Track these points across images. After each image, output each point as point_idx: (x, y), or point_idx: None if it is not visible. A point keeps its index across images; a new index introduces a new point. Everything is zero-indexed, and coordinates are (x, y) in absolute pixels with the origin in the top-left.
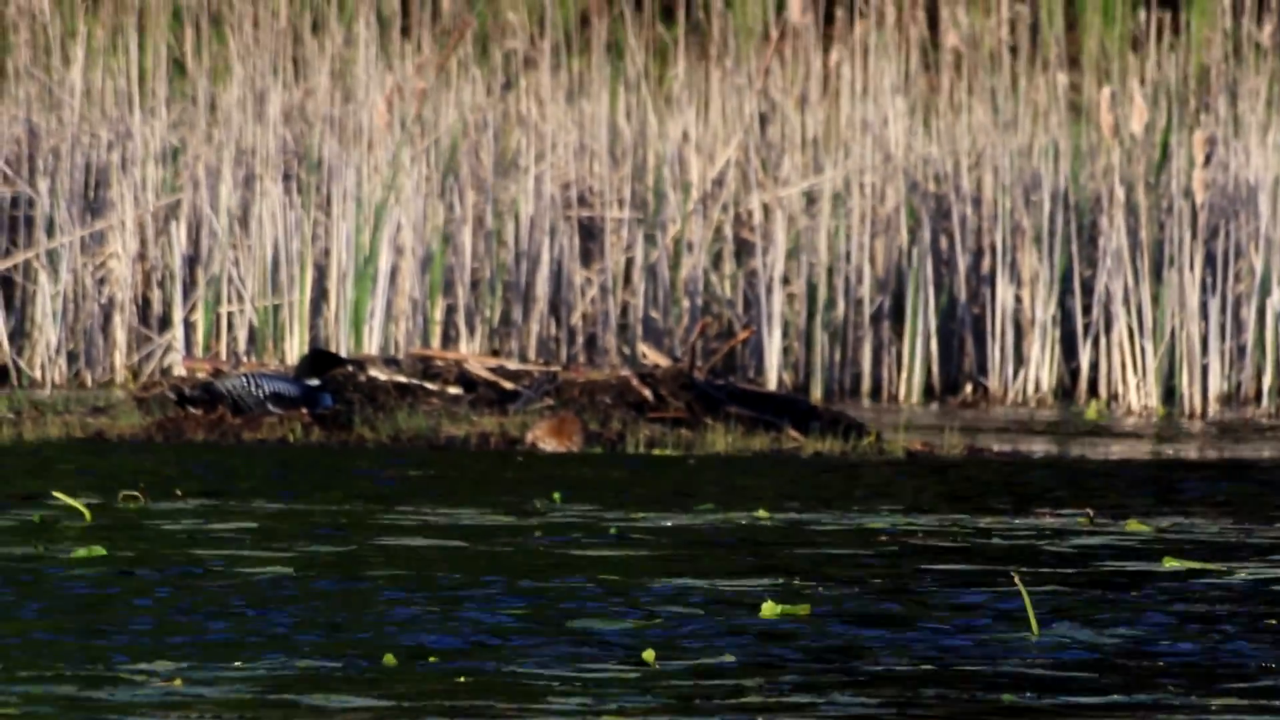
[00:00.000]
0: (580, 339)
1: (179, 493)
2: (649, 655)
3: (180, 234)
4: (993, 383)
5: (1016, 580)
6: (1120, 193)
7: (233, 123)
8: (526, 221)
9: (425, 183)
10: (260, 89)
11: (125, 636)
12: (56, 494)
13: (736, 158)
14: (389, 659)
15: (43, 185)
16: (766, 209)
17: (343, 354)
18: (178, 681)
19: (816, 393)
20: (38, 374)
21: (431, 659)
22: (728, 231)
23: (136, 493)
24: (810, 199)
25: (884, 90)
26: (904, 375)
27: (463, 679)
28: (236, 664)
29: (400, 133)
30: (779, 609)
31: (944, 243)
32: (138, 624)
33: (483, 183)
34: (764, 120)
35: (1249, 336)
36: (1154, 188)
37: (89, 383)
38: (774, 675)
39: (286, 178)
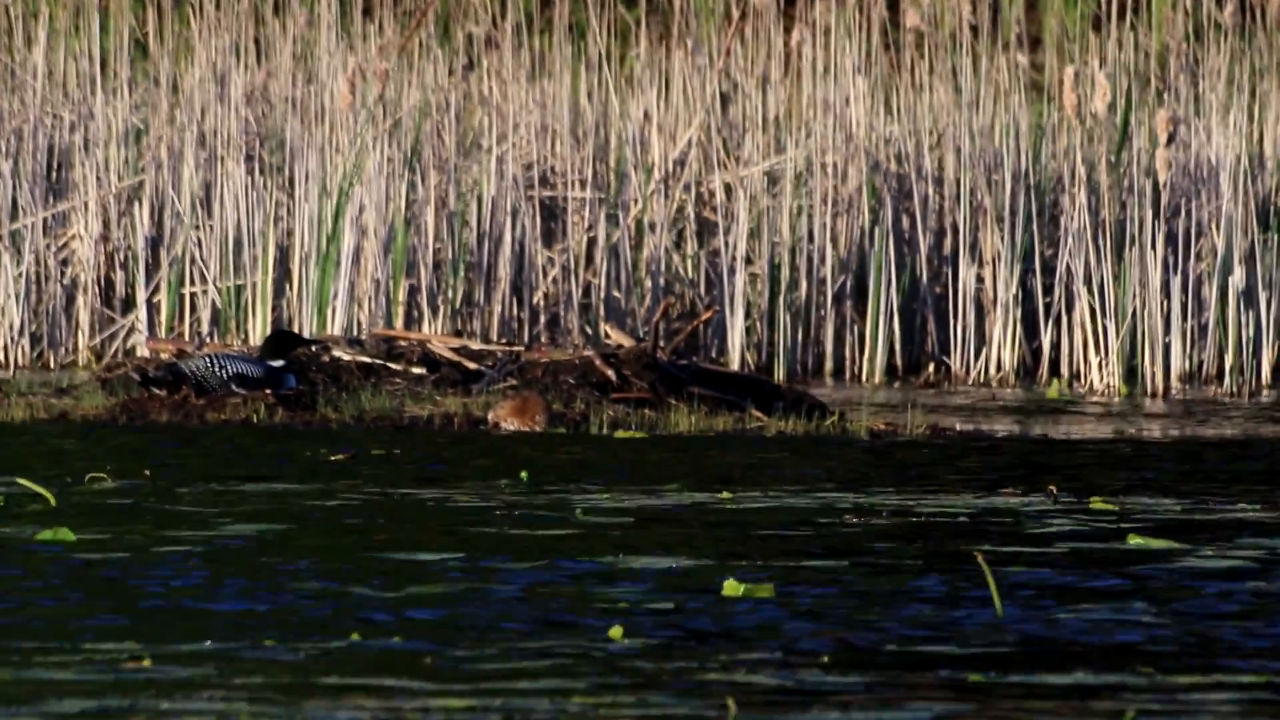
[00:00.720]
0: (543, 319)
1: (146, 474)
2: (616, 633)
3: (143, 215)
4: (955, 362)
5: (980, 560)
6: (1082, 172)
7: (195, 104)
8: (489, 202)
9: (388, 163)
10: (222, 70)
11: (92, 617)
12: (20, 480)
13: (698, 138)
14: (355, 636)
15: (5, 166)
16: (728, 189)
17: (306, 335)
18: (146, 661)
19: (779, 373)
20: (0, 356)
21: (396, 639)
22: (690, 211)
23: (103, 474)
24: (772, 179)
25: (845, 70)
26: (866, 355)
27: (429, 658)
28: (207, 644)
29: (363, 114)
30: (741, 588)
31: (906, 222)
32: (104, 604)
33: (445, 163)
34: (725, 100)
35: (1210, 315)
36: (1116, 167)
37: (52, 364)
38: (739, 654)
39: (249, 159)
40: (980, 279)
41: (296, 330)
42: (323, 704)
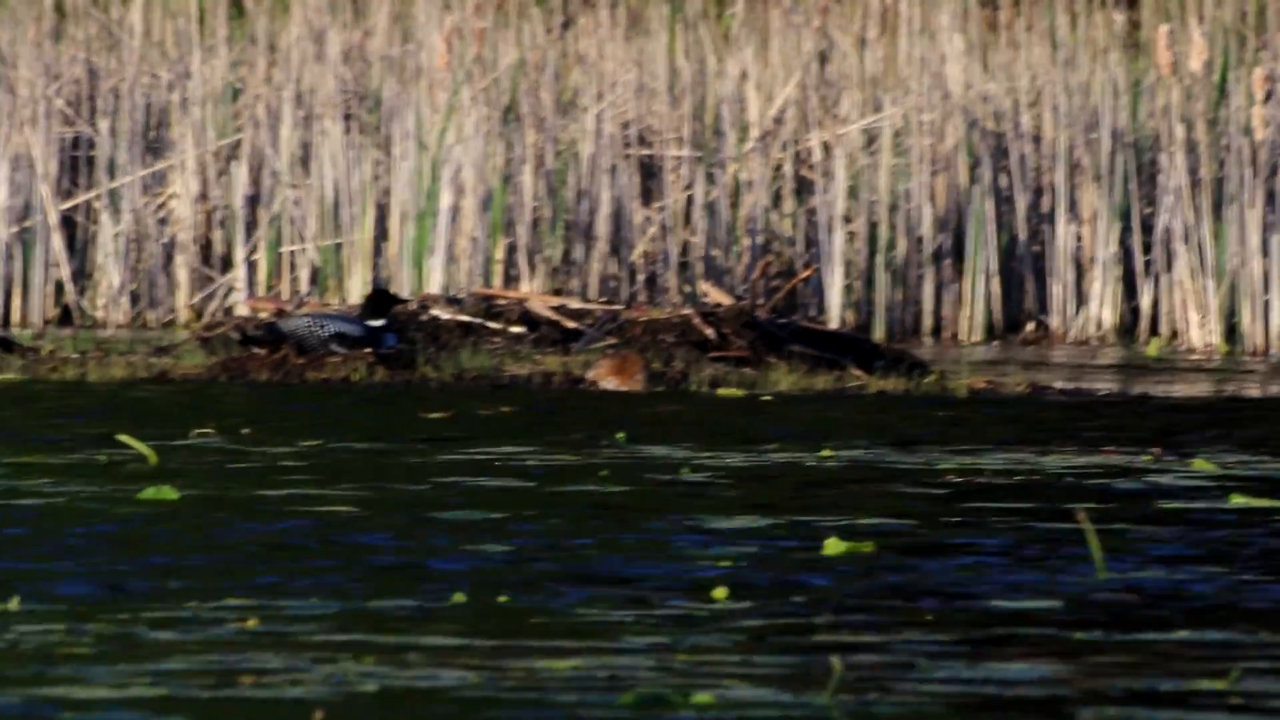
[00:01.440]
0: (640, 277)
1: (246, 432)
2: (720, 593)
3: (241, 174)
4: (1054, 321)
5: (1082, 519)
6: (1179, 130)
7: (292, 63)
8: (587, 160)
9: (485, 122)
10: (319, 29)
11: (197, 576)
12: (122, 437)
13: (795, 96)
14: (459, 596)
15: (103, 125)
16: (826, 147)
17: (404, 294)
18: (251, 621)
19: (878, 331)
20: (100, 314)
21: (502, 599)
22: (787, 170)
23: (207, 431)
24: (870, 137)
25: (943, 27)
26: (965, 313)
27: (534, 617)
28: (313, 600)
29: (460, 73)
30: (843, 546)
31: (1004, 180)
32: (209, 563)
33: (542, 122)
34: (823, 58)
35: None
36: (1213, 125)
37: (151, 323)
38: (842, 614)
39: (347, 117)
40: (1079, 237)
41: (394, 289)
42: (428, 664)
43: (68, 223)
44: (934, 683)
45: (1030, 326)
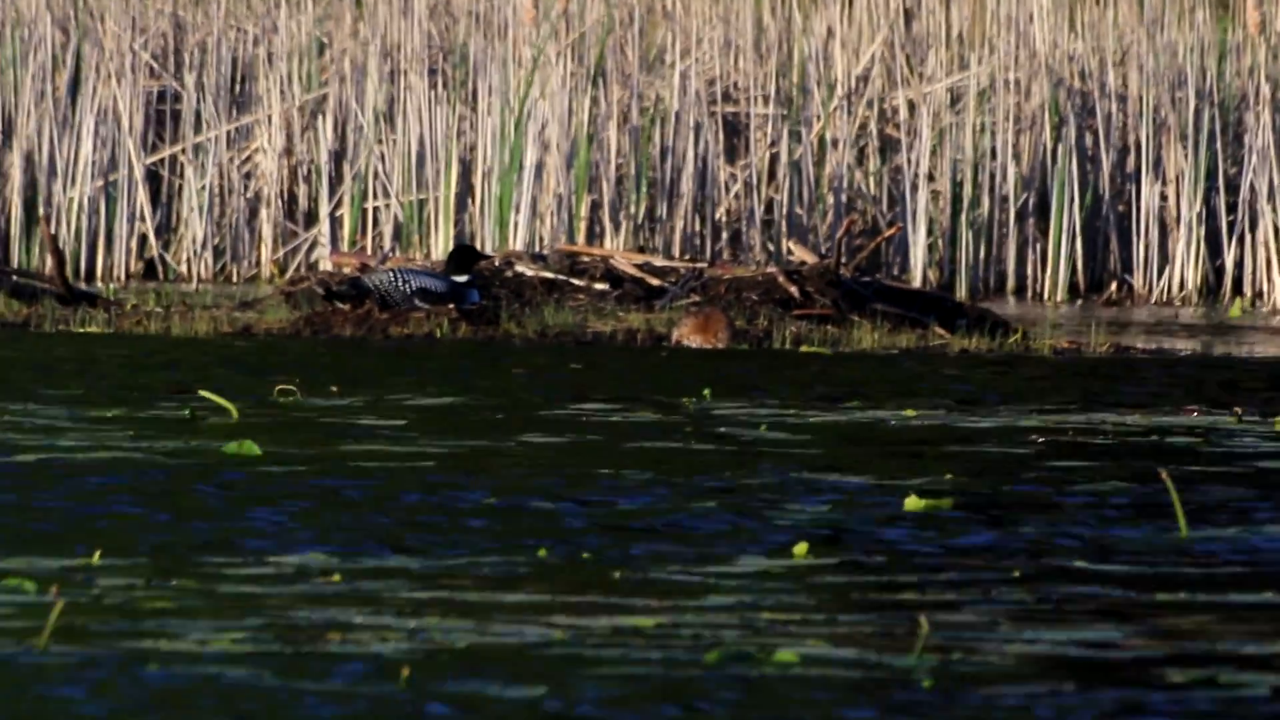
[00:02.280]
0: (725, 235)
1: (334, 388)
2: (801, 550)
3: (326, 129)
4: (1137, 281)
5: (1166, 478)
6: (1266, 90)
7: (378, 18)
8: (672, 117)
9: (570, 79)
10: None
11: (280, 532)
12: (203, 392)
13: (881, 54)
14: (543, 553)
15: (189, 80)
16: (911, 105)
17: (488, 250)
18: (335, 576)
19: (961, 290)
20: (184, 269)
21: (585, 555)
22: (872, 128)
23: (291, 387)
24: (955, 96)
25: None
26: (1049, 273)
27: (618, 574)
28: (398, 556)
29: (545, 28)
30: (923, 503)
31: (1089, 140)
32: (292, 518)
33: (628, 79)
34: (909, 16)
35: None
36: None
37: (235, 277)
38: (927, 573)
39: (432, 73)
40: (1163, 197)
41: (478, 245)
42: (512, 621)
43: (153, 177)
44: (1018, 643)
45: (1113, 286)
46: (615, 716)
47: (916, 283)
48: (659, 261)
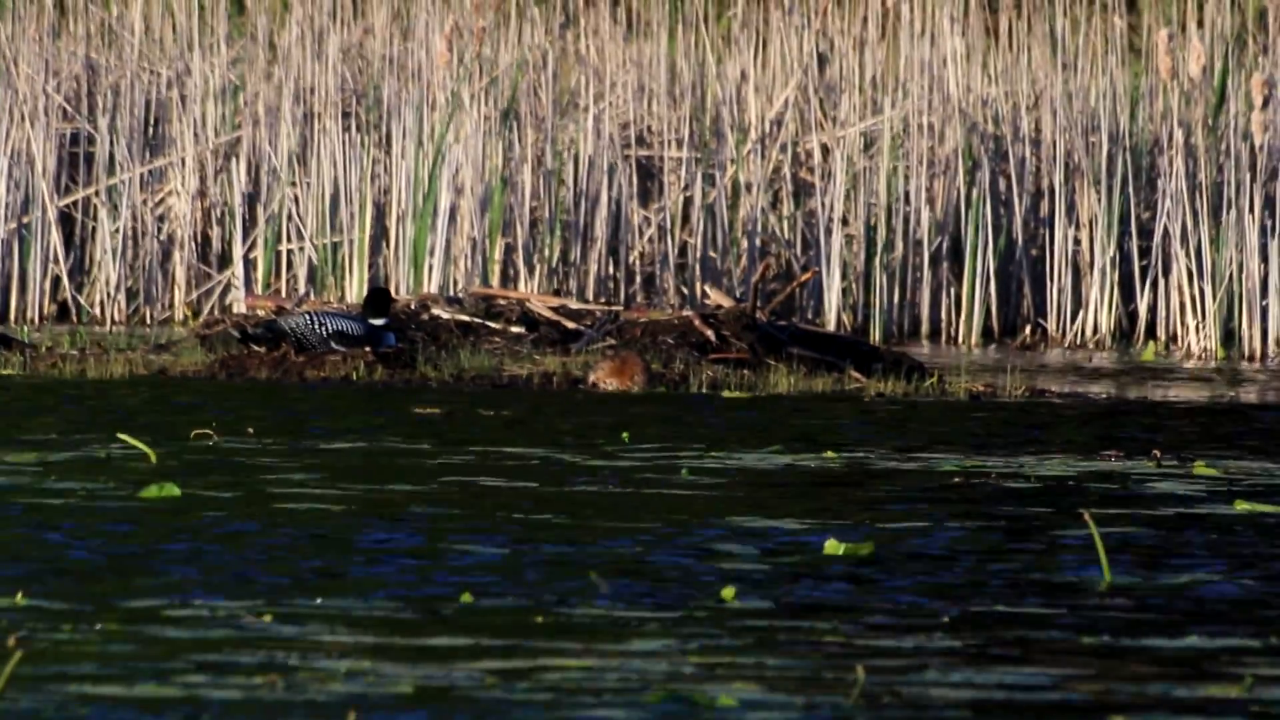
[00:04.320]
0: (639, 278)
1: (250, 431)
2: (729, 594)
3: (240, 172)
4: (1051, 325)
5: (1089, 521)
6: (1179, 135)
7: (292, 60)
8: (585, 161)
9: (484, 122)
10: (319, 27)
11: (205, 574)
12: (121, 435)
13: (795, 98)
14: (466, 598)
15: (103, 122)
16: (825, 149)
17: (402, 293)
18: (266, 617)
19: (876, 334)
20: (97, 311)
21: (507, 599)
22: (786, 172)
23: (208, 430)
24: (869, 140)
25: (943, 31)
26: (963, 317)
27: (540, 619)
28: (318, 601)
29: (459, 71)
30: (842, 548)
31: (1003, 184)
32: (219, 561)
33: (541, 122)
34: (822, 61)
35: None
36: (1213, 130)
37: (149, 320)
38: (853, 617)
39: (346, 116)
40: (1077, 241)
41: (392, 288)
42: (437, 664)
43: (66, 219)
44: (945, 687)
45: (1027, 330)
46: None
47: (831, 326)
48: (575, 305)
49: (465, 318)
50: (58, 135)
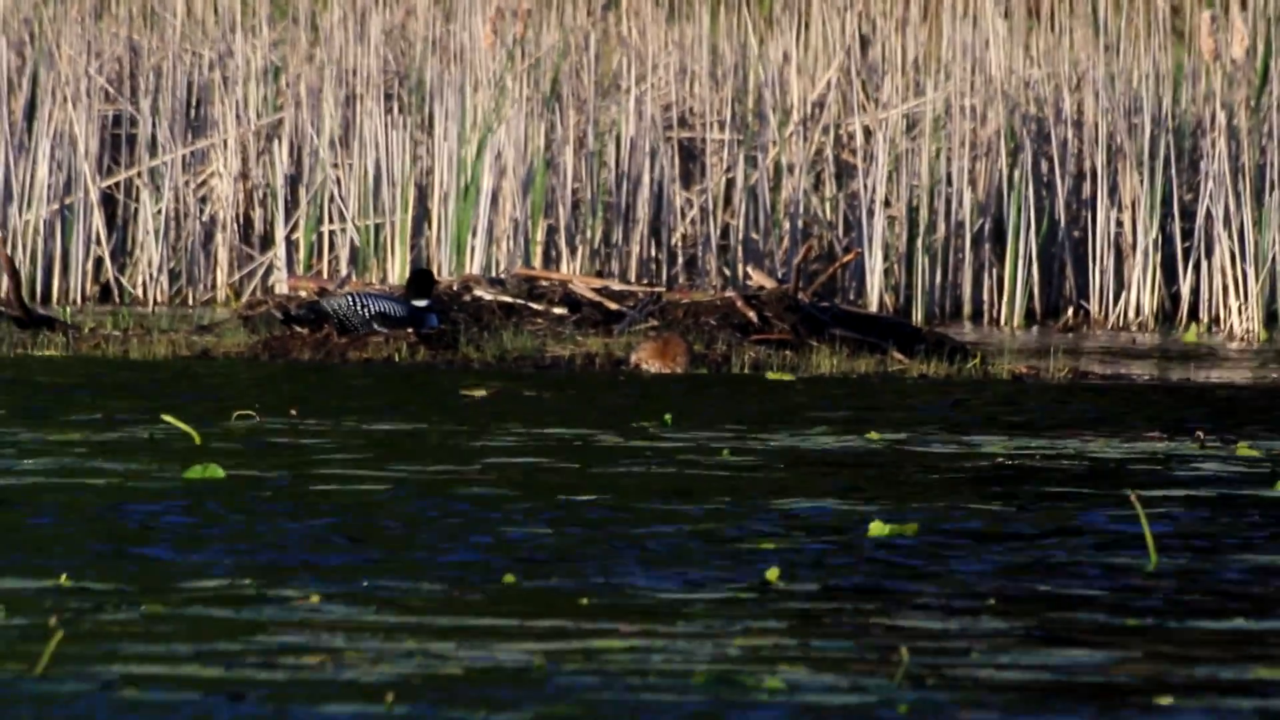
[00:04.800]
0: (680, 260)
1: (293, 412)
2: (773, 575)
3: (282, 153)
4: (1093, 306)
5: (1135, 502)
6: (1221, 116)
7: (334, 43)
8: (627, 142)
9: (526, 103)
10: (361, 8)
11: (249, 554)
12: (166, 417)
13: (837, 80)
14: (509, 579)
15: (145, 104)
16: (867, 131)
17: (443, 274)
18: (314, 597)
19: (918, 315)
20: (139, 292)
21: (553, 579)
22: (828, 153)
23: (250, 412)
24: (911, 121)
25: (985, 12)
26: (1005, 298)
27: (585, 600)
28: (363, 582)
29: (502, 53)
30: (887, 528)
31: (1045, 166)
32: (263, 541)
33: (584, 104)
34: (865, 42)
35: None
36: (1255, 111)
37: (191, 301)
38: (898, 599)
39: (388, 98)
40: (1119, 223)
41: (435, 269)
42: (483, 645)
43: (108, 200)
44: (990, 668)
45: (1069, 312)
46: None
47: (873, 308)
48: (617, 286)
49: (508, 299)
50: (100, 117)
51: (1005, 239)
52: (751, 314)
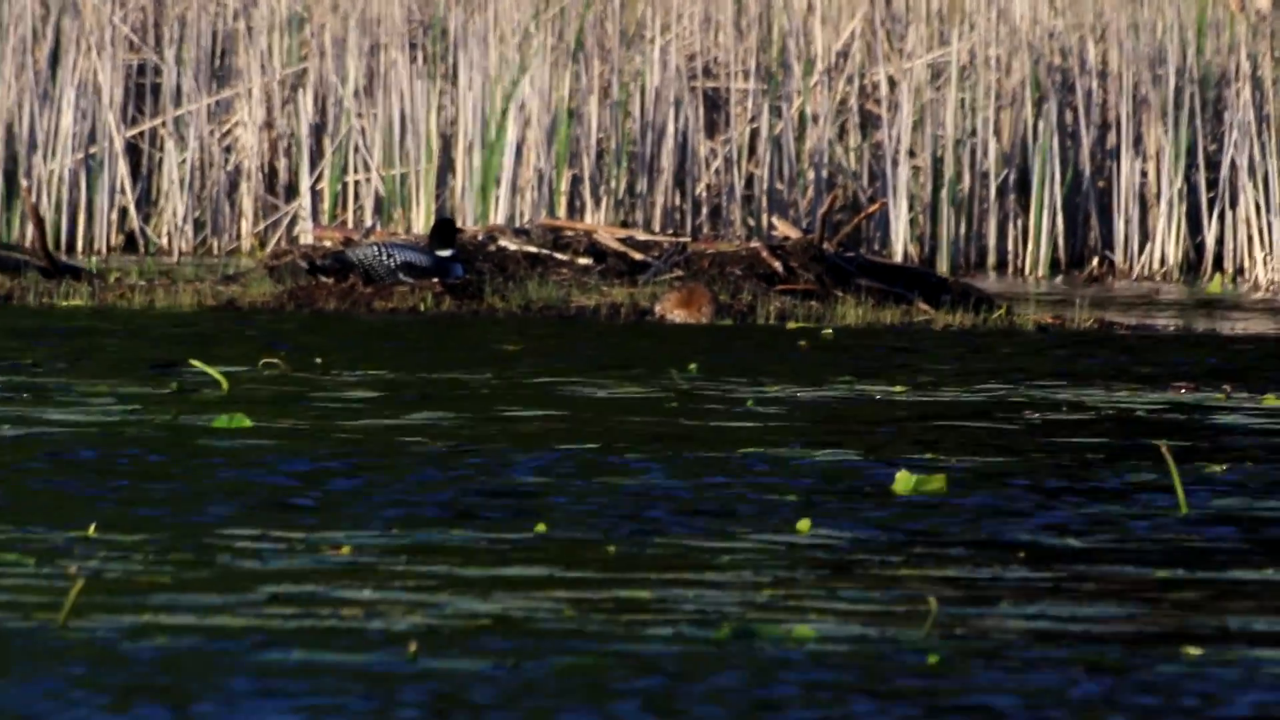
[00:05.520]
0: (705, 210)
1: (319, 361)
2: (804, 526)
3: (306, 103)
4: (1118, 257)
5: (1166, 453)
6: (1246, 66)
7: None
8: (652, 93)
9: (551, 53)
10: None
11: (276, 504)
12: (194, 362)
13: (861, 29)
14: (540, 528)
15: (169, 53)
16: (892, 81)
17: (468, 224)
18: (345, 549)
19: (942, 266)
20: (164, 242)
21: (579, 530)
22: (853, 104)
23: (276, 360)
24: (936, 72)
25: None
26: (1030, 249)
27: (612, 549)
28: (392, 531)
29: (527, 3)
30: (913, 480)
31: (1069, 117)
32: (290, 491)
33: (608, 54)
34: None
35: None
36: None
37: (215, 250)
38: (922, 549)
39: (412, 47)
40: (1144, 173)
41: (459, 220)
42: (511, 595)
43: (133, 150)
44: (1019, 619)
45: (1094, 262)
46: (628, 686)
47: (898, 258)
48: (642, 236)
49: (533, 249)
50: (125, 66)
51: (1030, 189)
52: (777, 264)
